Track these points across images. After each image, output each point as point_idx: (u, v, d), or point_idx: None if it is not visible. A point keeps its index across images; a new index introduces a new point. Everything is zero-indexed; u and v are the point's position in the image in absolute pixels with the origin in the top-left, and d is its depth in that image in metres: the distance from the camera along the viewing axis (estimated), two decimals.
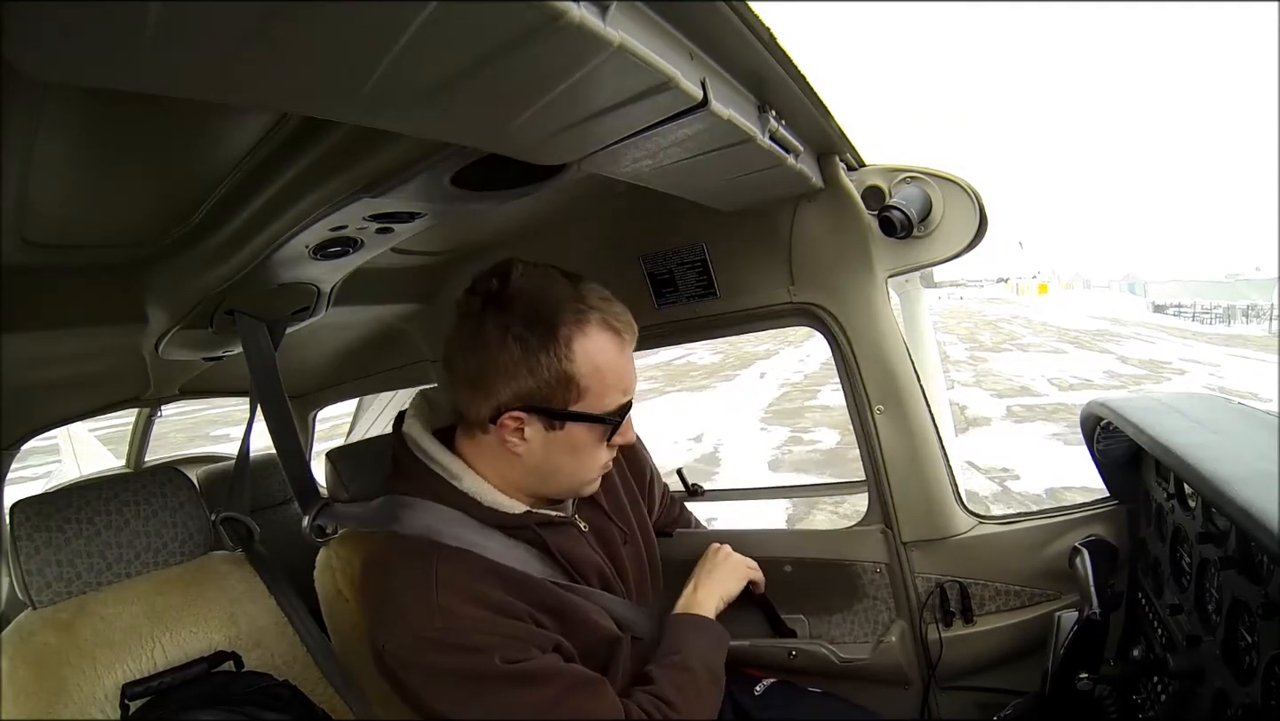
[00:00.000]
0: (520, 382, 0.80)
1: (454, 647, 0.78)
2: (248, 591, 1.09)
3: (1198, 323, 27.46)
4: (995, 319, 30.62)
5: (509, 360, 0.79)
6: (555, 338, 0.79)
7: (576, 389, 0.81)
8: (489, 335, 0.80)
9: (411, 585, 0.81)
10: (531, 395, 0.81)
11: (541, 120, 0.60)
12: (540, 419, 0.82)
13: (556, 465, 0.86)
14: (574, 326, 0.80)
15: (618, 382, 0.84)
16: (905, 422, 1.22)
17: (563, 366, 0.80)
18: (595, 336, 0.81)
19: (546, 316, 0.80)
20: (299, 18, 0.38)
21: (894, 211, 1.08)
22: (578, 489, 0.92)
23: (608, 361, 0.83)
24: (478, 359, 0.82)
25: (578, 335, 0.80)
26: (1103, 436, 1.14)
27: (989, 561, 1.25)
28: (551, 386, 0.80)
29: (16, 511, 0.97)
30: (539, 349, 0.79)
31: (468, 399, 0.85)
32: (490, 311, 0.81)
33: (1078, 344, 18.65)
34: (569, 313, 0.80)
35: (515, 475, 0.88)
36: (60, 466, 5.10)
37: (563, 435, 0.83)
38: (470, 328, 0.82)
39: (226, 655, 0.97)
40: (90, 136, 0.70)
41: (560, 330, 0.80)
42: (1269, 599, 0.73)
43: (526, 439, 0.84)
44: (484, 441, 0.87)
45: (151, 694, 0.89)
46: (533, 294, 0.81)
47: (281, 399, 1.16)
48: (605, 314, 0.83)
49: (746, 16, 0.63)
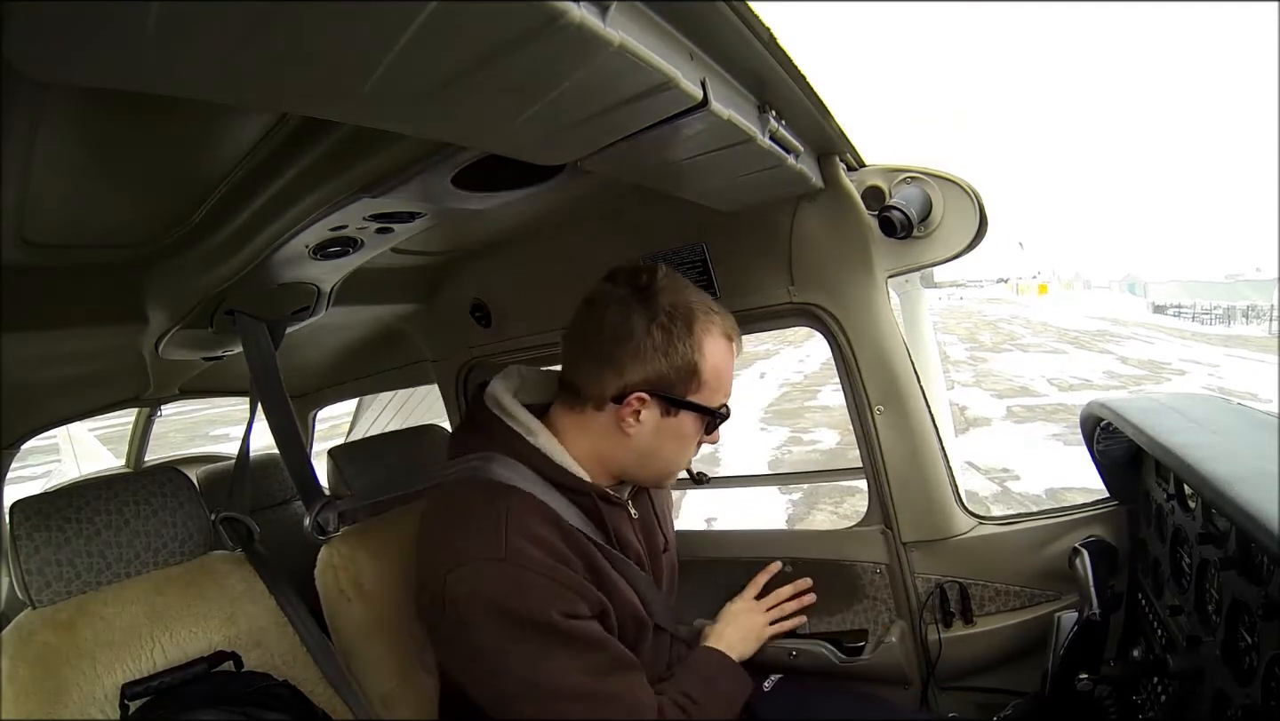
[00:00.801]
0: (652, 366, 0.89)
1: (516, 588, 0.82)
2: (248, 591, 1.09)
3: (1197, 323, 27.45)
4: (995, 319, 30.63)
5: (650, 345, 0.88)
6: (692, 332, 0.90)
7: (698, 381, 0.91)
8: (634, 321, 0.89)
9: (482, 521, 0.87)
10: (660, 380, 0.90)
11: (541, 120, 0.60)
12: (660, 404, 0.91)
13: (658, 450, 0.94)
14: (706, 327, 0.91)
15: (725, 385, 0.95)
16: (905, 423, 1.22)
17: (693, 358, 0.90)
18: (719, 340, 0.93)
19: (686, 313, 0.90)
20: (299, 17, 0.38)
21: (894, 212, 1.08)
22: (664, 477, 1.01)
23: (723, 364, 0.93)
24: (617, 340, 0.89)
25: (708, 335, 0.91)
26: (1103, 437, 1.14)
27: (989, 562, 1.25)
28: (679, 374, 0.90)
29: (16, 511, 0.97)
30: (678, 339, 0.89)
31: (595, 376, 0.91)
32: (637, 300, 0.90)
33: (1078, 344, 18.65)
34: (703, 315, 0.91)
35: (610, 452, 0.95)
36: (60, 466, 5.10)
37: (674, 422, 0.92)
38: (614, 312, 0.90)
39: (226, 655, 0.97)
40: (90, 136, 0.70)
41: (696, 326, 0.90)
42: (1269, 599, 0.73)
43: (642, 421, 0.91)
44: (591, 417, 0.94)
45: (151, 694, 0.89)
46: (676, 292, 0.91)
47: (283, 398, 1.16)
48: (725, 324, 0.94)
49: (746, 16, 0.63)
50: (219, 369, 1.71)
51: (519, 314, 1.63)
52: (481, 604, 0.82)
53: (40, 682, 0.88)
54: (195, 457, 2.94)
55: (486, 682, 0.86)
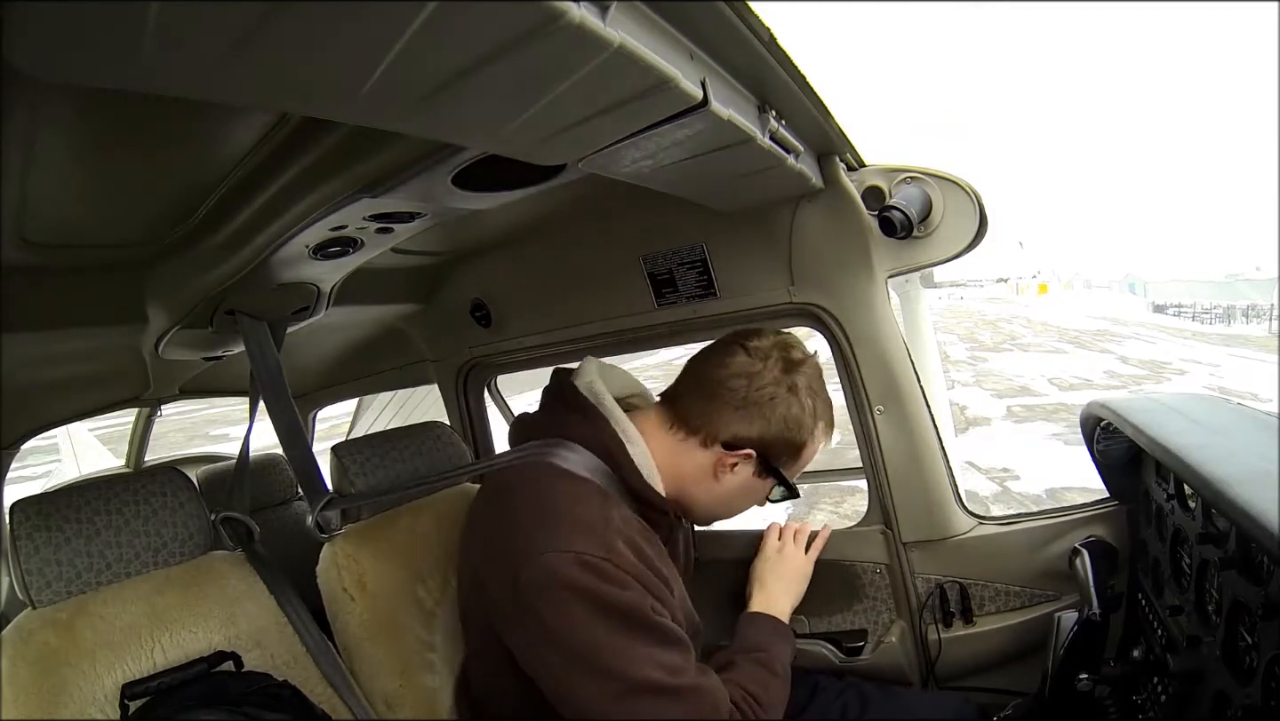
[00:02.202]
0: (775, 431, 0.96)
1: (615, 580, 0.83)
2: (248, 591, 1.09)
3: (1198, 323, 27.44)
4: (995, 318, 30.61)
5: (785, 413, 0.96)
6: (817, 420, 1.00)
7: (796, 459, 1.01)
8: (781, 386, 0.96)
9: (588, 515, 0.87)
10: (770, 445, 0.97)
11: (541, 120, 0.60)
12: (759, 465, 0.98)
13: (732, 501, 1.03)
14: (825, 424, 1.03)
15: (805, 464, 1.05)
16: (905, 423, 1.22)
17: (804, 440, 0.99)
18: (825, 433, 1.04)
19: (822, 404, 1.01)
20: (299, 18, 0.38)
21: (894, 211, 1.08)
22: (715, 520, 1.09)
23: (816, 451, 1.04)
24: (758, 393, 0.95)
25: (822, 430, 1.03)
26: (1103, 437, 1.14)
27: (989, 562, 1.25)
28: (788, 448, 0.98)
29: (16, 511, 0.97)
30: (804, 421, 0.98)
31: (717, 415, 0.96)
32: (784, 369, 0.97)
33: (1078, 344, 18.64)
34: (827, 410, 1.02)
35: (691, 486, 1.00)
36: (60, 466, 5.10)
37: (759, 484, 1.01)
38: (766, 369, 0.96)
39: (226, 655, 0.97)
40: (90, 136, 0.70)
41: (820, 419, 1.01)
42: (1269, 599, 0.73)
43: (736, 473, 0.98)
44: (691, 449, 0.98)
45: (151, 694, 0.89)
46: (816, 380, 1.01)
47: (286, 397, 1.16)
48: (832, 418, 1.05)
49: (746, 16, 0.63)
50: (219, 369, 1.71)
51: (519, 314, 1.63)
52: (579, 589, 0.82)
53: (40, 682, 0.88)
54: (195, 457, 2.94)
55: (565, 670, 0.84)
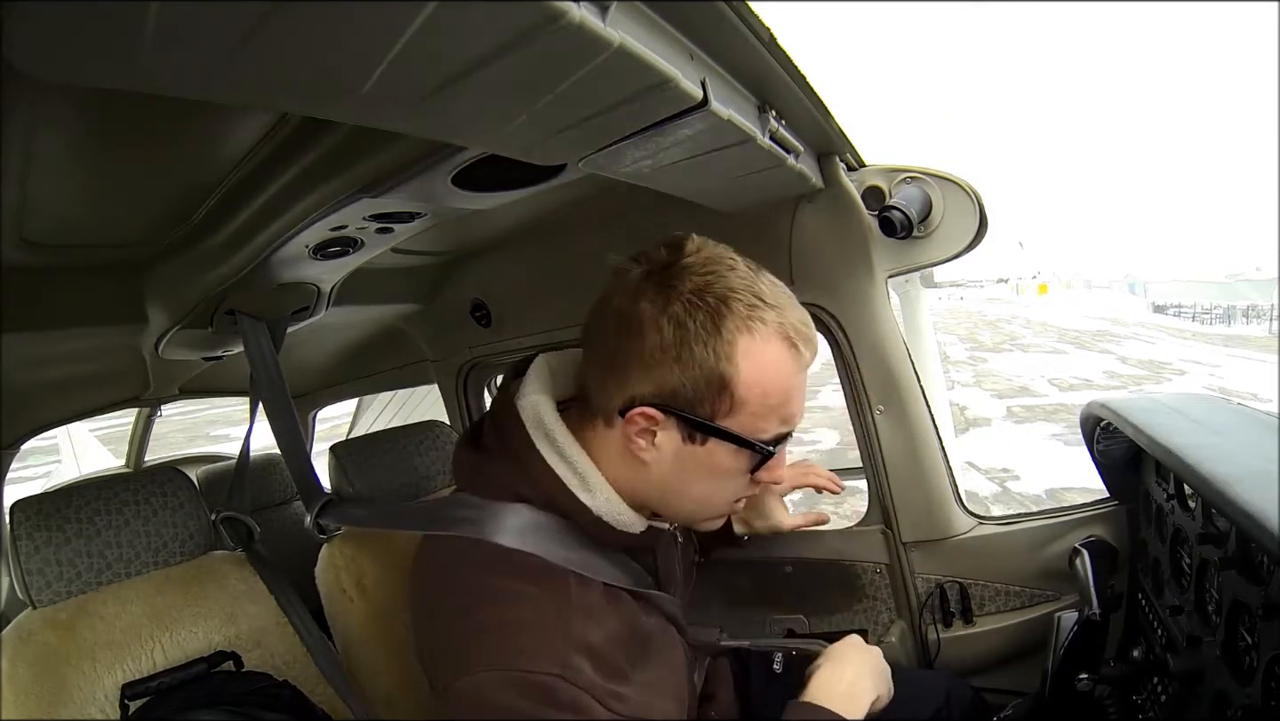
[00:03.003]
0: (664, 375, 0.66)
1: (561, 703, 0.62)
2: (248, 591, 1.09)
3: (1198, 323, 27.44)
4: (995, 319, 30.60)
5: (657, 344, 0.65)
6: (719, 330, 0.64)
7: (730, 399, 0.66)
8: (642, 311, 0.66)
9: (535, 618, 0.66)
10: (675, 395, 0.66)
11: (541, 120, 0.60)
12: (679, 425, 0.68)
13: (685, 486, 0.72)
14: (744, 323, 0.65)
15: (781, 407, 0.68)
16: (905, 423, 1.22)
17: (719, 367, 0.65)
18: (767, 343, 0.66)
19: (713, 303, 0.65)
20: (299, 18, 0.38)
21: (894, 211, 1.08)
22: (698, 520, 0.78)
23: (775, 378, 0.67)
24: (621, 337, 0.67)
25: (745, 335, 0.65)
26: (1103, 437, 1.14)
27: (989, 562, 1.25)
28: (701, 389, 0.65)
29: (16, 511, 0.97)
30: (695, 339, 0.64)
31: (600, 382, 0.71)
32: (650, 284, 0.67)
33: (1078, 344, 18.64)
34: (742, 305, 0.65)
35: (634, 484, 0.73)
36: (60, 466, 5.10)
37: (701, 452, 0.68)
38: (621, 299, 0.68)
39: (226, 655, 0.97)
40: (90, 136, 0.70)
41: (726, 322, 0.65)
42: (1269, 599, 0.73)
43: (657, 445, 0.69)
44: (605, 436, 0.72)
45: (151, 693, 0.89)
46: (702, 275, 0.66)
47: (285, 398, 1.16)
48: (785, 320, 0.67)
49: (746, 16, 0.63)
50: (219, 369, 1.71)
51: (519, 314, 1.63)
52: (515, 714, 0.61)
53: (40, 682, 0.88)
54: (195, 457, 2.94)
55: None
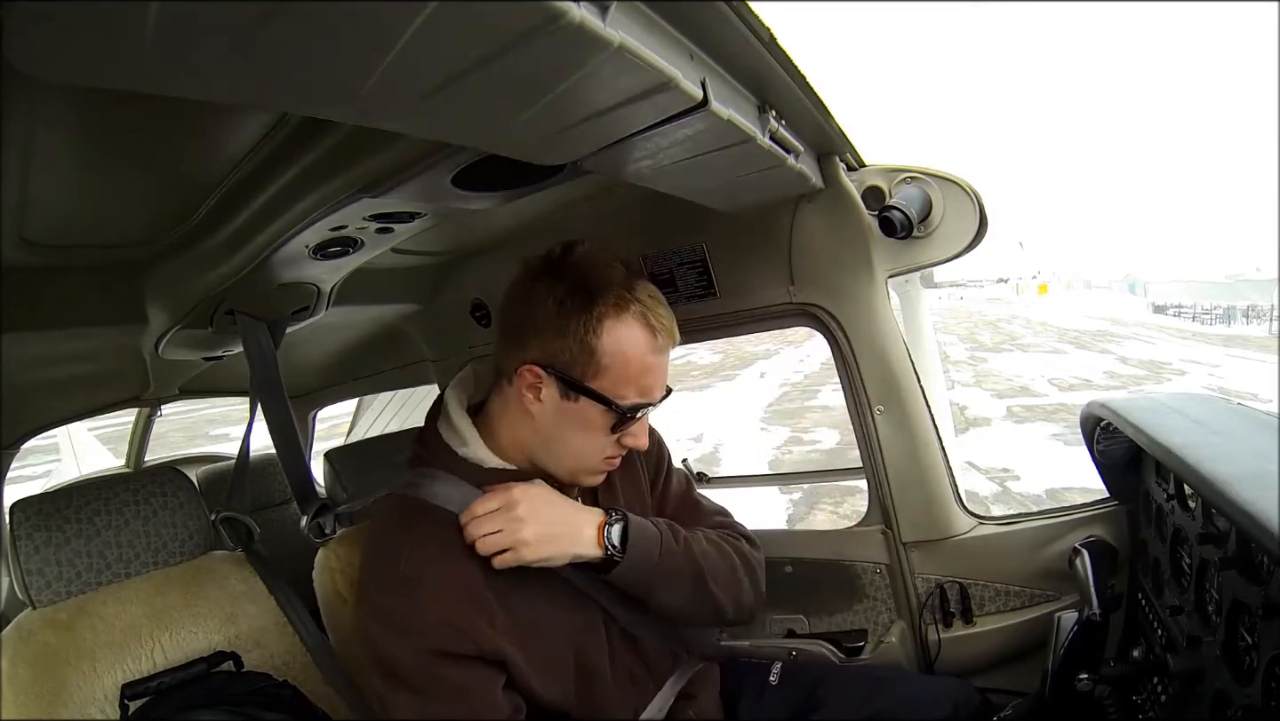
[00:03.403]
0: (548, 342, 0.83)
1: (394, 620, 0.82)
2: (247, 591, 1.09)
3: (1198, 323, 27.45)
4: (995, 319, 30.62)
5: (545, 317, 0.83)
6: (590, 310, 0.82)
7: (596, 366, 0.83)
8: (535, 292, 0.84)
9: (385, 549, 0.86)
10: (556, 357, 0.83)
11: (541, 120, 0.60)
12: (558, 382, 0.84)
13: (563, 437, 0.88)
14: (611, 307, 0.83)
15: (638, 378, 0.85)
16: (905, 423, 1.22)
17: (588, 339, 0.82)
18: (628, 325, 0.83)
19: (590, 289, 0.83)
20: (299, 18, 0.38)
21: (894, 212, 1.08)
22: (576, 473, 0.92)
23: (634, 353, 0.84)
24: (518, 312, 0.86)
25: (611, 316, 0.83)
26: (1103, 437, 1.14)
27: (989, 562, 1.25)
28: (575, 355, 0.83)
29: (16, 511, 0.97)
30: (572, 314, 0.82)
31: (503, 350, 0.89)
32: (544, 273, 0.85)
33: (1078, 344, 18.64)
34: (611, 294, 0.83)
35: (524, 435, 0.90)
36: (60, 466, 5.10)
37: (575, 408, 0.85)
38: (522, 284, 0.87)
39: (226, 655, 0.97)
40: (90, 136, 0.70)
41: (597, 305, 0.82)
42: (1269, 599, 0.73)
43: (542, 400, 0.86)
44: (507, 396, 0.90)
45: (151, 693, 0.89)
46: (586, 268, 0.84)
47: (282, 399, 1.16)
48: (647, 309, 0.84)
49: (746, 16, 0.63)
50: (219, 369, 1.71)
51: None
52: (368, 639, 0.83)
53: (40, 682, 0.88)
54: (195, 457, 2.94)
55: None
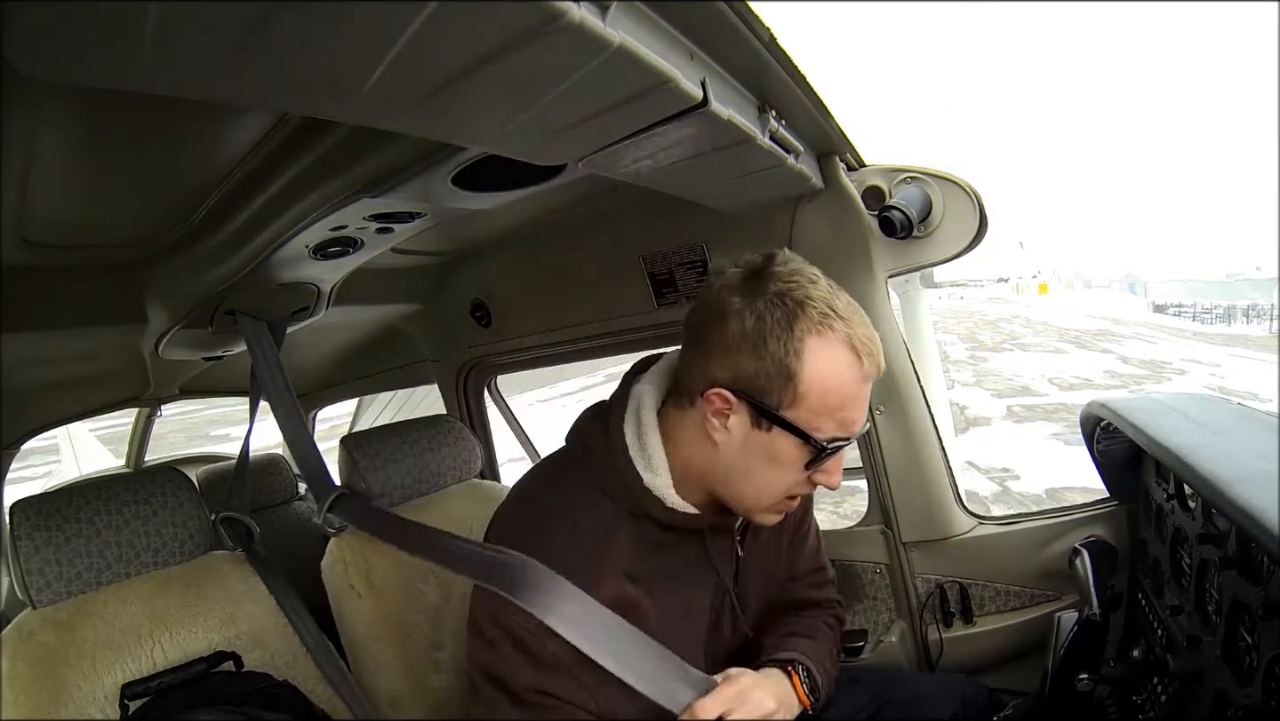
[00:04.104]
0: (741, 362, 0.75)
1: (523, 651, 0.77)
2: (248, 591, 1.09)
3: (1198, 323, 27.44)
4: (995, 318, 30.60)
5: (739, 332, 0.74)
6: (790, 330, 0.73)
7: (794, 393, 0.74)
8: (733, 304, 0.76)
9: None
10: (749, 381, 0.75)
11: (541, 120, 0.60)
12: (749, 410, 0.76)
13: (748, 470, 0.79)
14: (815, 327, 0.74)
15: (839, 409, 0.76)
16: (905, 423, 1.22)
17: (787, 361, 0.73)
18: (832, 349, 0.74)
19: (791, 305, 0.74)
20: (298, 18, 0.38)
21: (894, 211, 1.08)
22: (756, 510, 0.83)
23: (836, 380, 0.75)
24: (710, 323, 0.77)
25: (814, 337, 0.74)
26: (1103, 437, 1.14)
27: (989, 562, 1.25)
28: (770, 379, 0.74)
29: (16, 511, 0.97)
30: (771, 333, 0.73)
31: (689, 364, 0.81)
32: (745, 283, 0.77)
33: (1078, 344, 18.64)
34: (816, 312, 0.74)
35: (703, 464, 0.81)
36: (60, 466, 5.10)
37: (766, 439, 0.77)
38: (716, 293, 0.78)
39: (226, 655, 0.97)
40: (90, 136, 0.70)
41: (798, 324, 0.73)
42: (1269, 599, 0.73)
43: (729, 428, 0.78)
44: (687, 415, 0.81)
45: (151, 694, 0.89)
46: (789, 280, 0.76)
47: (290, 395, 1.16)
48: (853, 332, 0.75)
49: (746, 16, 0.63)
50: (219, 369, 1.71)
51: (519, 314, 1.63)
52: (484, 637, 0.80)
53: (40, 682, 0.88)
54: (195, 457, 2.94)
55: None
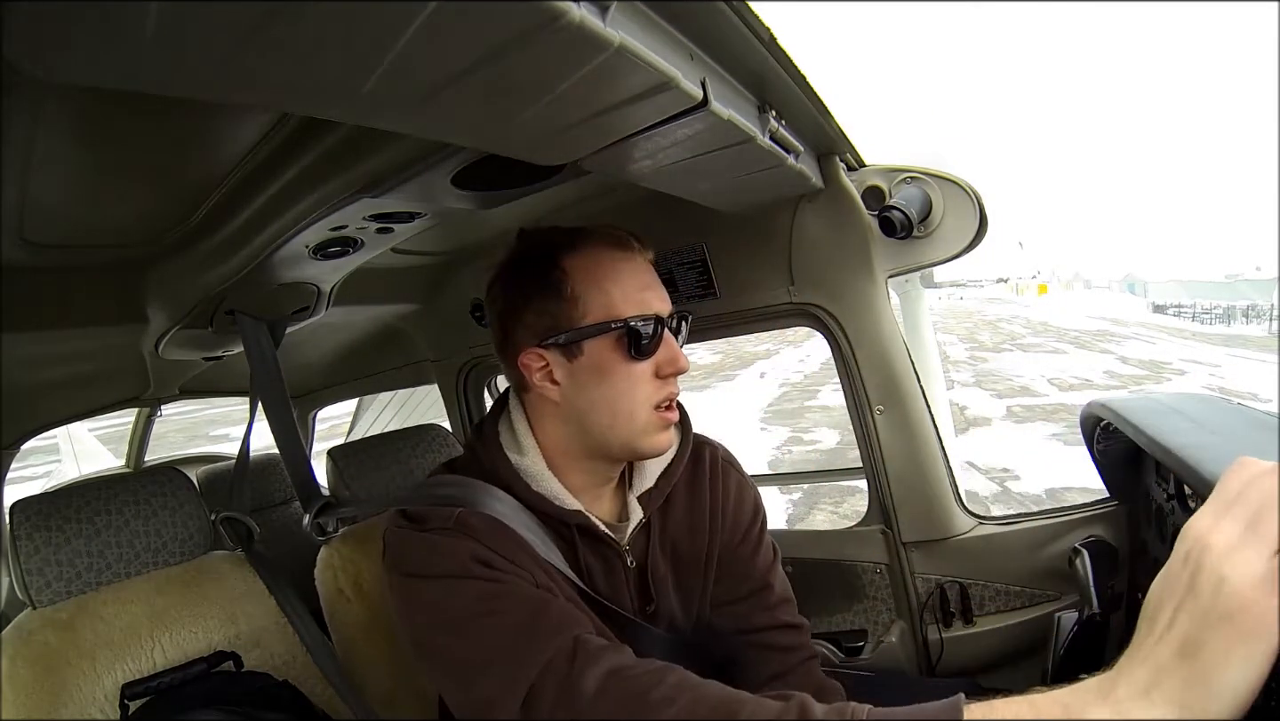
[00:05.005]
0: (530, 320, 0.77)
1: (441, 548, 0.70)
2: (248, 591, 1.09)
3: (1198, 323, 27.45)
4: (995, 319, 30.61)
5: (517, 300, 0.78)
6: (550, 264, 0.76)
7: (574, 301, 0.75)
8: (494, 293, 0.81)
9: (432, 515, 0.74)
10: (541, 327, 0.76)
11: (541, 120, 0.60)
12: (559, 351, 0.76)
13: (593, 400, 0.76)
14: (564, 246, 0.77)
15: (624, 292, 0.76)
16: (905, 423, 1.22)
17: (560, 287, 0.75)
18: (591, 250, 0.77)
19: (536, 248, 0.78)
20: (299, 18, 0.38)
21: (894, 211, 1.08)
22: (633, 438, 0.77)
23: (608, 271, 0.76)
24: (496, 318, 0.81)
25: (569, 253, 0.76)
26: (1103, 437, 1.14)
27: (989, 562, 1.25)
28: (554, 311, 0.75)
29: (16, 511, 0.97)
30: (536, 277, 0.76)
31: (507, 367, 0.82)
32: (500, 273, 0.81)
33: (1078, 344, 18.65)
34: (559, 237, 0.78)
35: (560, 431, 0.79)
36: (60, 466, 5.10)
37: (586, 361, 0.75)
38: (489, 296, 0.82)
39: (226, 655, 0.97)
40: (90, 136, 0.70)
41: (554, 254, 0.76)
42: None
43: (557, 379, 0.77)
44: (530, 404, 0.81)
45: (151, 693, 0.89)
46: (531, 241, 0.80)
47: (284, 398, 1.16)
48: (602, 231, 0.78)
49: (746, 16, 0.63)
50: (219, 369, 1.71)
51: None
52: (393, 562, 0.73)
53: (40, 682, 0.88)
54: (195, 457, 2.94)
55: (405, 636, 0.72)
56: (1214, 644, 0.36)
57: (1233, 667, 0.35)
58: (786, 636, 0.88)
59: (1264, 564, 0.36)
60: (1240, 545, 0.37)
